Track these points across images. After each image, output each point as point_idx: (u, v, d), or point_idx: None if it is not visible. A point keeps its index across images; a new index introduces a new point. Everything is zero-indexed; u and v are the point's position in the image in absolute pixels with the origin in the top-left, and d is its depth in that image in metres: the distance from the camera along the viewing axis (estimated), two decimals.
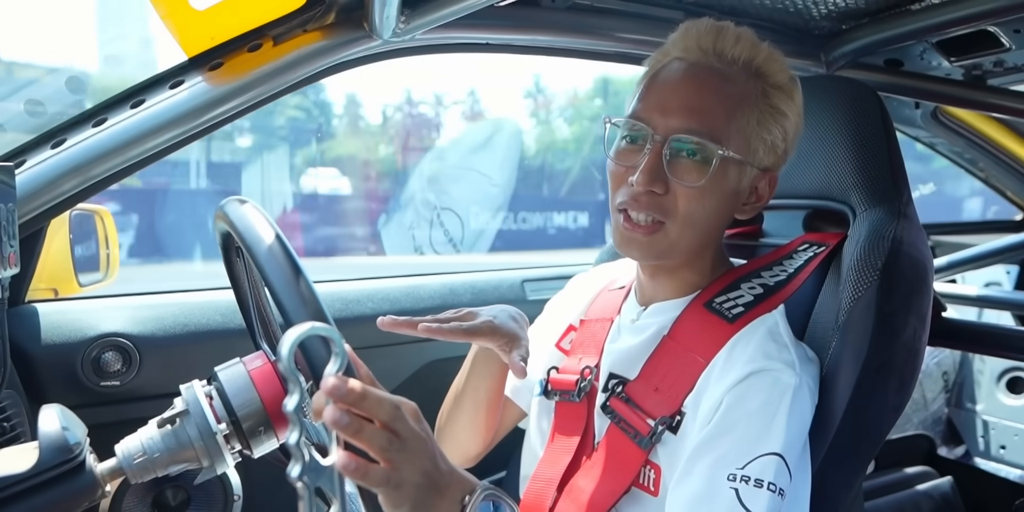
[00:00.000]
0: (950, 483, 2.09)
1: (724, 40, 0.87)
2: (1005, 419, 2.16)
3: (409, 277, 1.65)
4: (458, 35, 1.19)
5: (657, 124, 0.85)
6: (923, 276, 0.92)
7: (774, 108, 0.88)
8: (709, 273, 0.95)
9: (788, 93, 0.89)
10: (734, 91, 0.86)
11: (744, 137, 0.86)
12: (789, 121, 0.90)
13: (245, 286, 0.86)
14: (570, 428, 0.98)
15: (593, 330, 1.04)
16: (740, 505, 0.75)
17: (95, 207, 1.38)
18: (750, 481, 0.76)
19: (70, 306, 1.26)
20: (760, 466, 0.77)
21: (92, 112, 1.08)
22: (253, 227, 0.66)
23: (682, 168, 0.85)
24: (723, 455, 0.78)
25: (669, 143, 0.84)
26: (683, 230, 0.87)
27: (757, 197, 0.92)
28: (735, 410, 0.80)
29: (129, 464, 0.67)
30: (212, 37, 1.07)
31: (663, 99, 0.87)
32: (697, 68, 0.87)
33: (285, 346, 0.48)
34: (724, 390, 0.81)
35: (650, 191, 0.85)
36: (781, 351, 0.84)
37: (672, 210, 0.86)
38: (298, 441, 0.48)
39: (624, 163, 0.88)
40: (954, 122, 1.83)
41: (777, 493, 0.76)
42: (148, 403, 1.11)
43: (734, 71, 0.87)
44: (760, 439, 0.78)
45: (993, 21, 1.20)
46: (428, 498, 0.63)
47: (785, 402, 0.80)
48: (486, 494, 0.67)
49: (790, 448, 0.79)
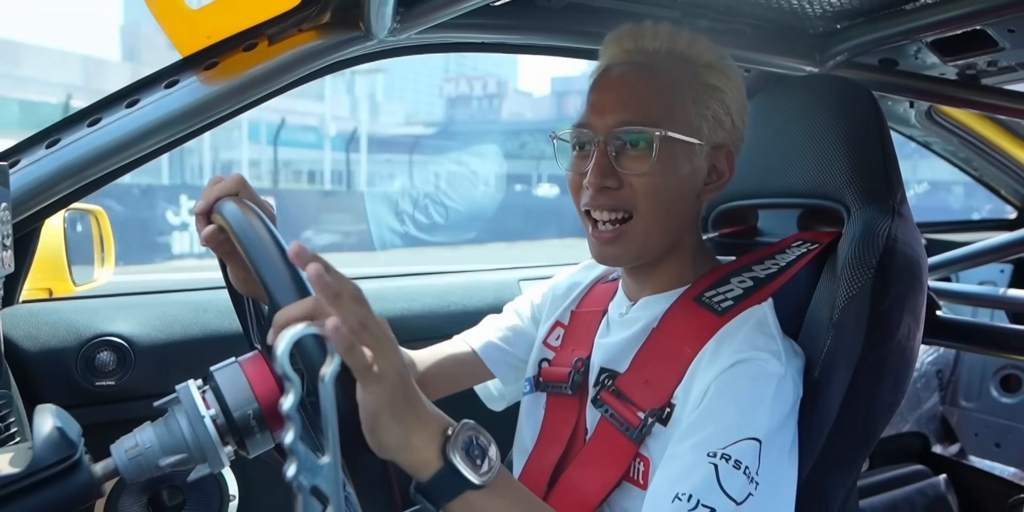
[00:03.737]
0: (944, 481, 2.10)
1: (643, 37, 0.92)
2: (999, 417, 2.17)
3: (404, 277, 1.65)
4: (454, 34, 1.19)
5: (597, 125, 0.90)
6: (917, 274, 0.92)
7: (708, 85, 0.91)
8: (693, 265, 0.96)
9: (720, 70, 0.92)
10: (663, 78, 0.90)
11: (684, 117, 0.89)
12: (727, 95, 0.92)
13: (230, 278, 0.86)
14: (561, 421, 0.98)
15: (585, 321, 1.05)
16: (717, 482, 0.75)
17: (90, 207, 1.37)
18: (730, 460, 0.76)
19: (64, 306, 1.26)
20: (741, 449, 0.77)
21: (87, 111, 1.08)
22: (247, 225, 0.66)
23: (629, 159, 0.88)
24: (706, 437, 0.78)
25: (611, 139, 0.88)
26: (650, 219, 0.89)
27: (718, 174, 0.94)
28: (720, 396, 0.81)
29: (124, 464, 0.67)
30: (207, 36, 1.06)
31: (599, 102, 0.91)
32: (624, 67, 0.92)
33: (280, 346, 0.48)
34: (711, 378, 0.82)
35: (604, 187, 0.88)
36: (768, 342, 0.85)
37: (632, 200, 0.89)
38: (294, 441, 0.48)
39: (578, 171, 0.92)
40: (948, 121, 1.84)
41: (750, 479, 0.76)
42: (143, 403, 1.10)
43: (659, 61, 0.91)
44: (743, 423, 0.78)
45: (987, 21, 1.20)
46: (406, 410, 0.61)
47: (770, 390, 0.81)
48: (469, 428, 0.65)
49: (772, 436, 0.79)
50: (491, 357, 1.13)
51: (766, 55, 1.39)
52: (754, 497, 0.75)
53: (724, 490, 0.74)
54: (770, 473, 0.78)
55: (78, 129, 1.05)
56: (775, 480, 0.79)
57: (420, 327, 1.49)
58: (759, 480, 0.76)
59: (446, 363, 1.13)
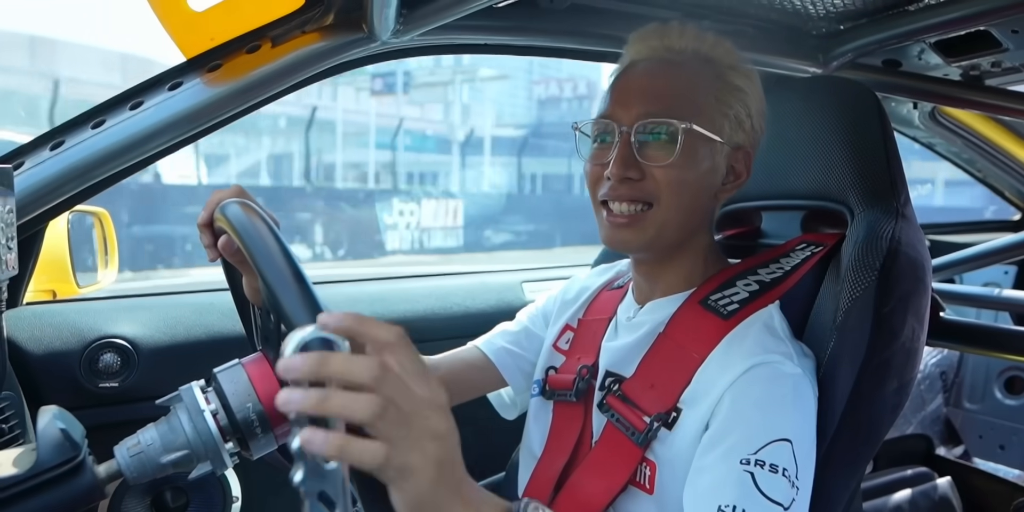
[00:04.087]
0: (949, 483, 2.09)
1: (670, 36, 0.93)
2: (1003, 419, 2.16)
3: (405, 278, 1.65)
4: (457, 36, 1.19)
5: (621, 117, 0.89)
6: (921, 276, 0.92)
7: (731, 85, 0.91)
8: (703, 267, 0.96)
9: (743, 73, 0.93)
10: (688, 75, 0.91)
11: (707, 114, 0.89)
12: (750, 97, 0.93)
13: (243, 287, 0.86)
14: (568, 428, 0.98)
15: (591, 329, 1.04)
16: (757, 489, 0.73)
17: (94, 209, 1.38)
18: (765, 465, 0.75)
19: (68, 308, 1.26)
20: (772, 451, 0.76)
21: (90, 113, 1.08)
22: (252, 229, 0.66)
23: (652, 150, 0.88)
24: (734, 444, 0.77)
25: (635, 130, 0.88)
26: (669, 211, 0.89)
27: (735, 175, 0.94)
28: (739, 403, 0.80)
29: (128, 465, 0.67)
30: (211, 38, 1.07)
31: (623, 95, 0.91)
32: (650, 63, 0.93)
33: (288, 349, 0.48)
34: (724, 386, 0.81)
35: (626, 178, 0.88)
36: (778, 344, 0.85)
37: (653, 192, 0.88)
38: (300, 445, 0.48)
39: (599, 162, 0.92)
40: (952, 122, 1.83)
41: (791, 483, 0.75)
42: (147, 404, 1.10)
43: (685, 59, 0.92)
44: (769, 426, 0.77)
45: (991, 21, 1.20)
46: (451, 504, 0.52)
47: (789, 391, 0.80)
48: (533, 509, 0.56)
49: (800, 436, 0.78)
50: (504, 362, 1.12)
51: (769, 56, 1.39)
52: (796, 501, 0.75)
53: (767, 496, 0.73)
54: (806, 473, 0.78)
55: (82, 131, 1.06)
56: (808, 479, 0.79)
57: (423, 329, 1.49)
58: (799, 483, 0.76)
59: (461, 369, 1.11)
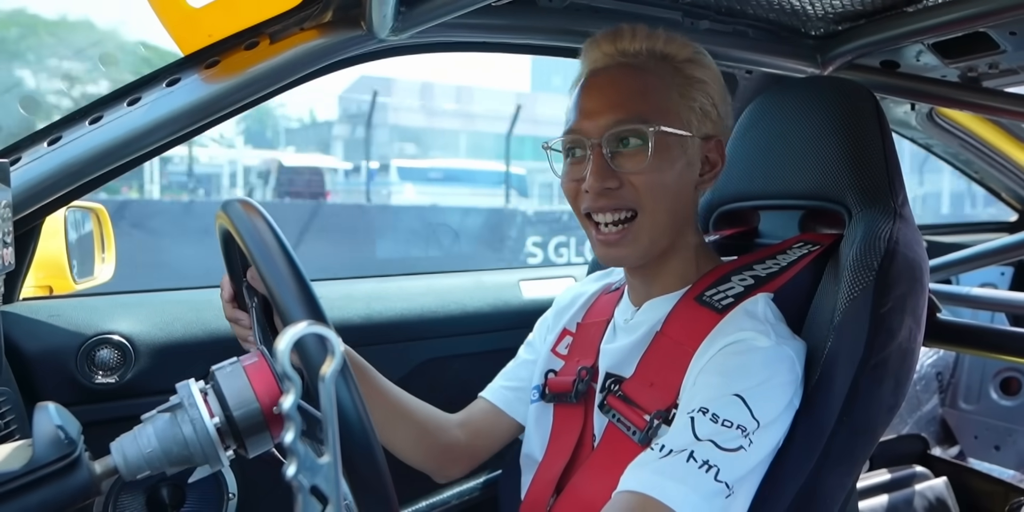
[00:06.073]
0: (944, 483, 2.10)
1: (622, 39, 0.94)
2: (999, 419, 2.17)
3: (403, 276, 1.65)
4: (455, 34, 1.19)
5: (589, 130, 0.90)
6: (918, 277, 0.92)
7: (691, 77, 0.92)
8: (696, 264, 0.96)
9: (698, 63, 0.94)
10: (648, 76, 0.91)
11: (673, 112, 0.90)
12: (710, 87, 0.94)
13: (243, 285, 0.87)
14: (568, 430, 0.98)
15: (590, 332, 1.04)
16: (691, 431, 0.77)
17: (91, 204, 1.37)
18: (707, 413, 0.77)
19: (65, 303, 1.26)
20: (720, 403, 0.78)
21: (88, 109, 1.08)
22: (253, 228, 0.66)
23: (625, 157, 0.89)
24: (695, 406, 0.80)
25: (605, 141, 0.89)
26: (655, 215, 0.90)
27: (711, 165, 0.95)
28: (705, 374, 0.82)
29: (124, 462, 0.67)
30: (209, 34, 1.06)
31: (588, 107, 0.92)
32: (608, 70, 0.93)
33: (281, 345, 0.48)
34: (700, 367, 0.83)
35: (605, 188, 0.88)
36: (756, 324, 0.86)
37: (635, 199, 0.89)
38: (294, 440, 0.48)
39: (575, 177, 0.92)
40: (949, 123, 1.84)
41: (733, 427, 0.76)
42: (143, 401, 1.10)
43: (641, 60, 0.92)
44: (725, 385, 0.80)
45: (989, 23, 1.21)
46: None
47: (757, 359, 0.81)
48: None
49: (758, 396, 0.79)
50: (506, 400, 1.11)
51: (767, 57, 1.39)
52: (745, 451, 0.76)
53: (696, 435, 0.76)
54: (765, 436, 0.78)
55: (79, 127, 1.05)
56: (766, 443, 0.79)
57: (421, 327, 1.49)
58: (742, 428, 0.77)
59: (478, 422, 1.12)
